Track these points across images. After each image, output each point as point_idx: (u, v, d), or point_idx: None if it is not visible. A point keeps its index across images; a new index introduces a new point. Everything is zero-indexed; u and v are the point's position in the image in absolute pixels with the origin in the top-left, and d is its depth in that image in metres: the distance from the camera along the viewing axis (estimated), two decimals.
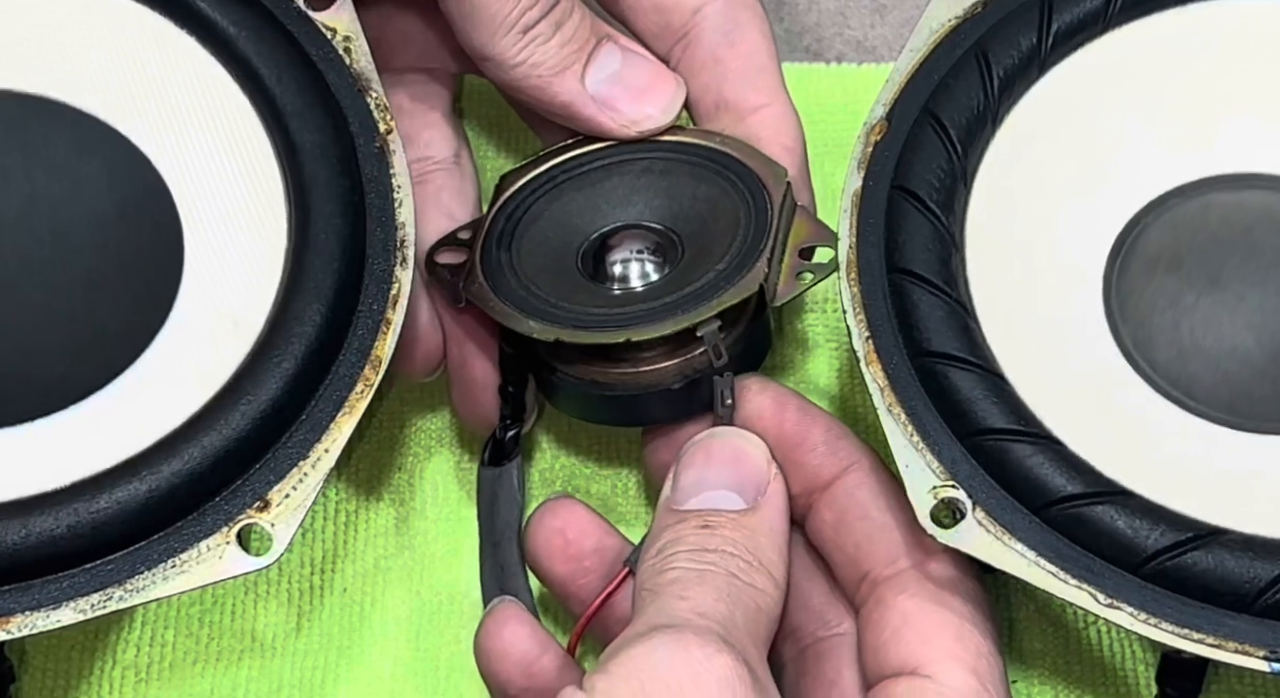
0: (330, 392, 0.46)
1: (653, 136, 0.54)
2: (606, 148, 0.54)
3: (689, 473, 0.48)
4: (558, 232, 0.53)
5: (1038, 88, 0.50)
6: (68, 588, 0.43)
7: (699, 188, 0.52)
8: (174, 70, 0.50)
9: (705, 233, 0.52)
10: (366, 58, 0.50)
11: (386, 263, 0.48)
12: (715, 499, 0.47)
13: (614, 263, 0.52)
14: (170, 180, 0.49)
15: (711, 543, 0.46)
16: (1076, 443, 0.46)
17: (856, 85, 0.61)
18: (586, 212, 0.53)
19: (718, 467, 0.48)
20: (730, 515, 0.46)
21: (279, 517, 0.45)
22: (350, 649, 0.54)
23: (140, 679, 0.53)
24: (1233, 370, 0.48)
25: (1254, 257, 0.49)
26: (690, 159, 0.53)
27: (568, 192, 0.53)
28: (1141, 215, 0.50)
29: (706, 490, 0.47)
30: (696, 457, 0.48)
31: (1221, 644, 0.43)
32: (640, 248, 0.52)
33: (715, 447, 0.48)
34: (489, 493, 0.53)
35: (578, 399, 0.52)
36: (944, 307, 0.47)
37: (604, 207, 0.53)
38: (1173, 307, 0.49)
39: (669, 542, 0.46)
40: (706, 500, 0.47)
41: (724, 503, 0.47)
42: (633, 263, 0.52)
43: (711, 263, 0.50)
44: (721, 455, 0.48)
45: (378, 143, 0.49)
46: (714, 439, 0.49)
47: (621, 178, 0.53)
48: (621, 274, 0.52)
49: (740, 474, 0.48)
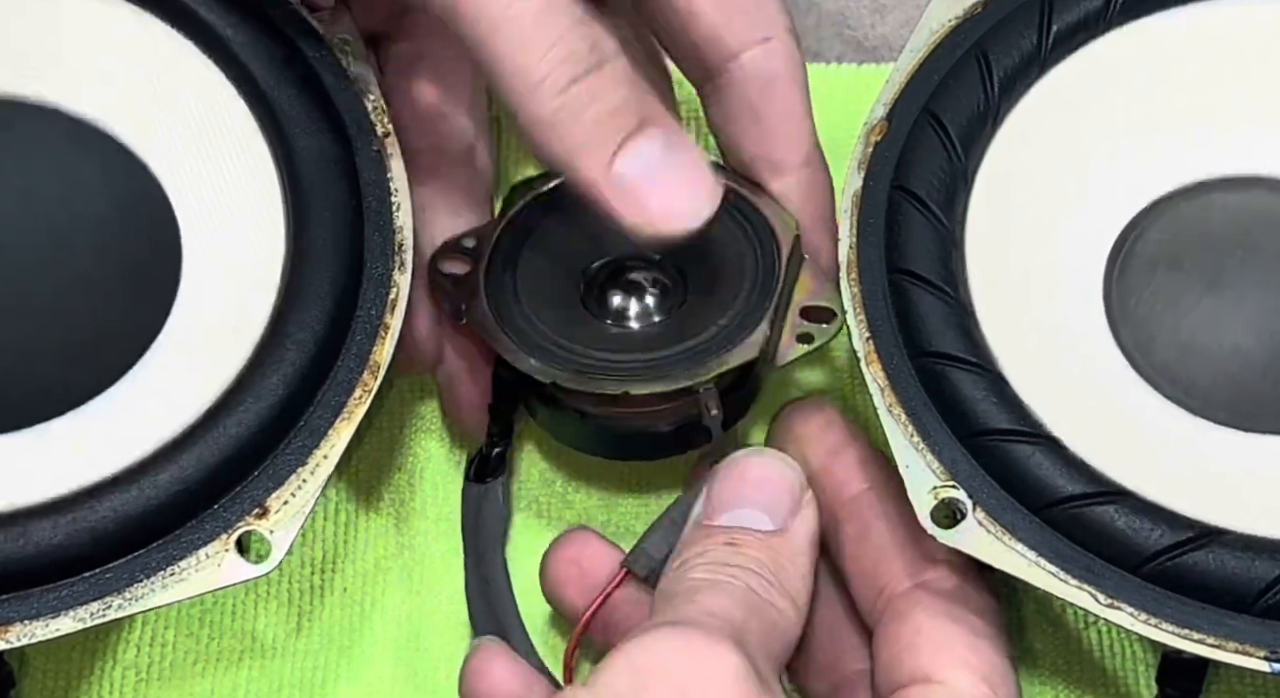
0: (329, 397, 0.46)
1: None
2: None
3: (722, 488, 0.48)
4: (562, 255, 0.52)
5: (1038, 88, 0.50)
6: (67, 597, 0.43)
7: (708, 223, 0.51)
8: (171, 74, 0.50)
9: (710, 274, 0.51)
10: (364, 60, 0.50)
11: (385, 267, 0.48)
12: (745, 518, 0.47)
13: (614, 295, 0.52)
14: (167, 185, 0.49)
15: (735, 559, 0.45)
16: (1076, 443, 0.46)
17: (856, 85, 0.61)
18: (591, 235, 0.51)
19: (751, 486, 0.47)
20: (758, 536, 0.46)
21: (278, 523, 0.45)
22: (350, 649, 0.54)
23: (140, 679, 0.53)
24: (1233, 371, 0.48)
25: (1254, 257, 0.49)
26: None
27: (576, 211, 0.51)
28: (1141, 216, 0.50)
29: (737, 509, 0.47)
30: (731, 475, 0.48)
31: (1222, 644, 0.43)
32: (642, 283, 0.52)
33: (751, 466, 0.48)
34: (474, 508, 0.53)
35: (565, 427, 0.52)
36: (944, 307, 0.47)
37: (609, 231, 0.51)
38: (1173, 307, 0.49)
39: (693, 555, 0.46)
40: (736, 519, 0.47)
41: (753, 523, 0.47)
42: (633, 299, 0.52)
43: (714, 316, 0.50)
44: (755, 476, 0.48)
45: (375, 146, 0.49)
46: (751, 458, 0.48)
47: None
48: (620, 306, 0.51)
49: (772, 496, 0.47)
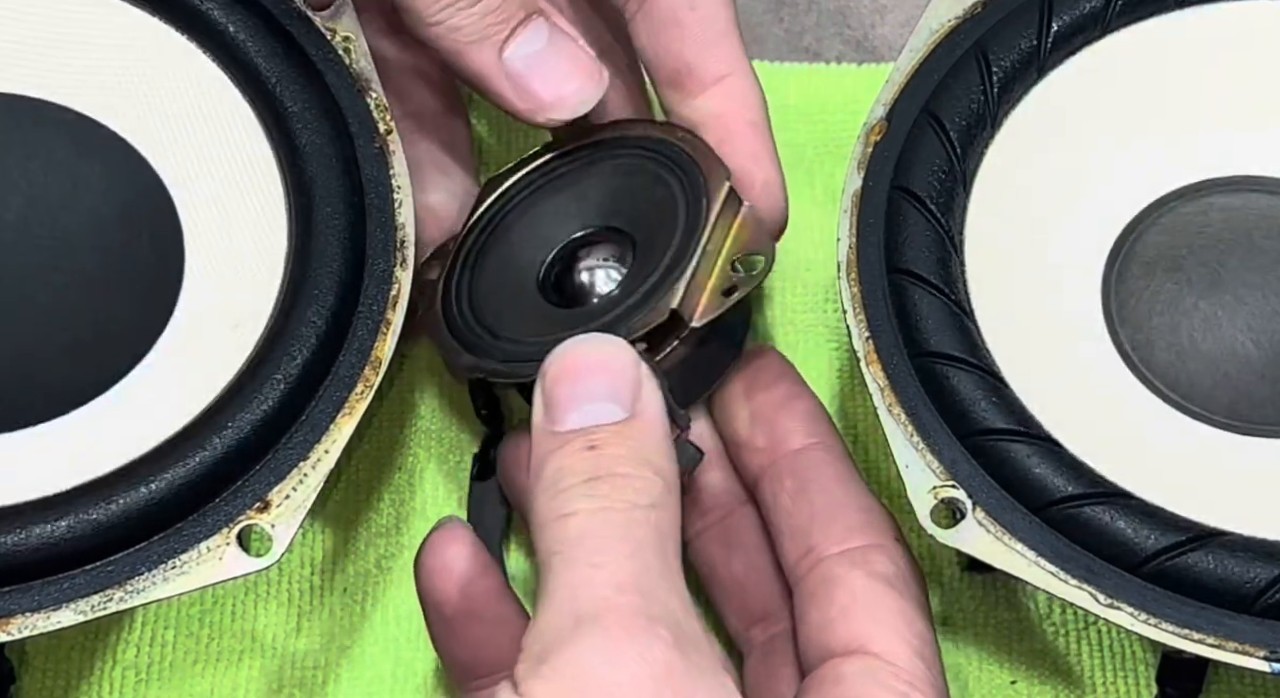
0: (330, 393, 0.46)
1: (626, 132, 0.52)
2: (580, 148, 0.52)
3: (560, 388, 0.45)
4: (525, 245, 0.51)
5: (1037, 89, 0.50)
6: (68, 590, 0.43)
7: (655, 188, 0.50)
8: (173, 72, 0.50)
9: (651, 239, 0.50)
10: (366, 58, 0.50)
11: (386, 264, 0.48)
12: (594, 414, 0.44)
13: (569, 279, 0.51)
14: (170, 183, 0.49)
15: (601, 467, 0.43)
16: (1075, 444, 0.46)
17: (856, 85, 0.61)
18: (553, 221, 0.51)
19: (590, 376, 0.45)
20: (613, 428, 0.44)
21: (279, 518, 0.45)
22: (351, 649, 0.54)
23: (140, 679, 0.53)
24: (1231, 373, 0.48)
25: (1253, 259, 0.49)
26: (655, 156, 0.51)
27: (539, 199, 0.52)
28: (1141, 217, 0.50)
29: (583, 404, 0.44)
30: (565, 370, 0.45)
31: (1221, 644, 0.43)
32: (594, 260, 0.50)
33: (582, 356, 0.45)
34: (477, 507, 0.54)
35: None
36: (944, 307, 0.47)
37: (571, 214, 0.51)
38: (1172, 309, 0.49)
39: (557, 470, 0.44)
40: (586, 416, 0.44)
41: (604, 416, 0.44)
42: (598, 272, 0.50)
43: (638, 281, 0.48)
44: (591, 364, 0.45)
45: (377, 144, 0.49)
46: (579, 347, 0.45)
47: (590, 181, 0.52)
48: (578, 288, 0.50)
49: (614, 381, 0.45)
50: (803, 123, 0.55)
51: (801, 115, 0.55)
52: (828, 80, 0.62)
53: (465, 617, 0.49)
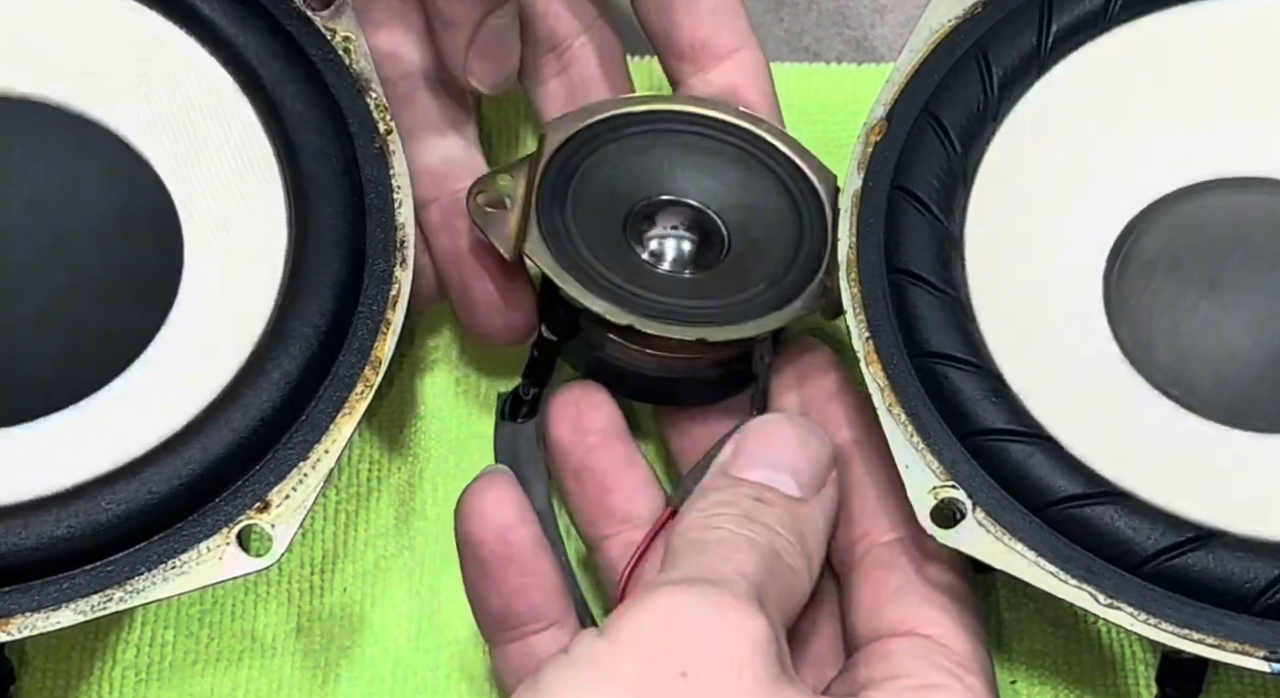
0: (330, 393, 0.46)
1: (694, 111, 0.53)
2: (651, 112, 0.53)
3: (756, 445, 0.48)
4: (606, 197, 0.52)
5: (1037, 88, 0.50)
6: (67, 589, 0.43)
7: (749, 177, 0.52)
8: (173, 71, 0.50)
9: (756, 229, 0.51)
10: (366, 58, 0.50)
11: (386, 263, 0.48)
12: (775, 479, 0.47)
13: (652, 237, 0.52)
14: (169, 182, 0.49)
15: (763, 517, 0.46)
16: (1075, 443, 0.46)
17: (856, 85, 0.61)
18: (634, 178, 0.52)
19: (786, 449, 0.47)
20: (785, 499, 0.46)
21: (279, 518, 0.45)
22: (351, 649, 0.53)
23: (140, 680, 0.53)
24: (1231, 372, 0.48)
25: (1253, 259, 0.49)
26: (737, 143, 0.53)
27: (615, 154, 0.52)
28: (1141, 217, 0.50)
29: (769, 468, 0.47)
30: (768, 433, 0.48)
31: (1221, 644, 0.43)
32: (683, 226, 0.52)
33: (788, 429, 0.48)
34: (508, 446, 0.54)
35: (604, 370, 0.52)
36: (944, 307, 0.47)
37: (652, 176, 0.52)
38: (1172, 308, 0.49)
39: (721, 501, 0.46)
40: (767, 477, 0.47)
41: (782, 485, 0.47)
42: (670, 240, 0.52)
43: (774, 267, 0.51)
44: (792, 440, 0.48)
45: (377, 144, 0.50)
46: (789, 423, 0.48)
47: (667, 149, 0.53)
48: (658, 250, 0.52)
49: (805, 464, 0.47)
50: (803, 123, 0.55)
51: (801, 115, 0.55)
52: (828, 80, 0.62)
53: (502, 561, 0.49)
